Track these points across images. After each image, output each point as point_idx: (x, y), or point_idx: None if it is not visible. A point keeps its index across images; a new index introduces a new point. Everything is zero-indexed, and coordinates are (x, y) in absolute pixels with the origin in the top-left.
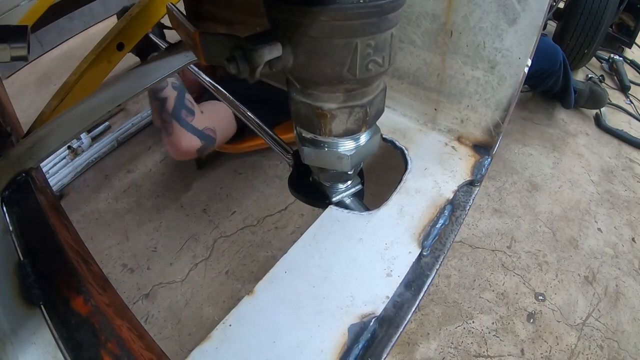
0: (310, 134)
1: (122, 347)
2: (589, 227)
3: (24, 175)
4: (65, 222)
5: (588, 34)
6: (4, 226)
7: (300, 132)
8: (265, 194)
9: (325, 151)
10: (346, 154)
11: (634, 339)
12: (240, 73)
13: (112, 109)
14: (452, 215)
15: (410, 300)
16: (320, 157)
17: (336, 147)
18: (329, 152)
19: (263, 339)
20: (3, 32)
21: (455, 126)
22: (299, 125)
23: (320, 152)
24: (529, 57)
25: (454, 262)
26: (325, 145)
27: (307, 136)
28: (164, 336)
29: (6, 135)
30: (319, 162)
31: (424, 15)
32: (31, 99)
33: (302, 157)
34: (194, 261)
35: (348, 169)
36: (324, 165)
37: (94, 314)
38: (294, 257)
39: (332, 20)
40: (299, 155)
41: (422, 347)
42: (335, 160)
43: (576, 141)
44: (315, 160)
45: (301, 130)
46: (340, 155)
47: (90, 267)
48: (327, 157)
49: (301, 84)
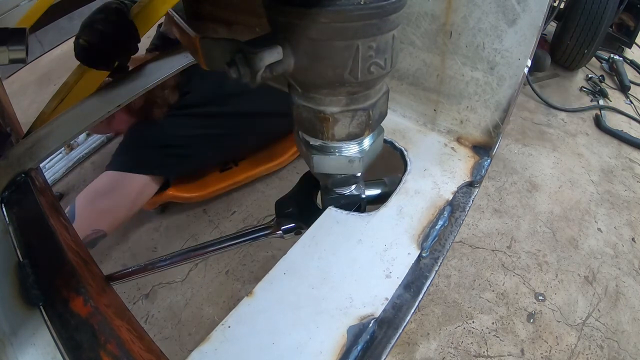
0: (318, 141)
1: (122, 348)
2: (589, 227)
3: (24, 176)
4: (65, 222)
5: (588, 34)
6: (3, 226)
7: (307, 140)
8: (265, 194)
9: (336, 156)
10: (357, 157)
11: (634, 339)
12: (241, 77)
13: (112, 109)
14: (451, 216)
15: (410, 302)
16: (331, 163)
17: (346, 151)
18: (339, 157)
19: (262, 340)
20: (1, 35)
21: (454, 127)
22: (302, 130)
23: (330, 159)
24: (528, 58)
25: (454, 262)
26: (334, 150)
27: (316, 144)
28: (164, 336)
29: (6, 135)
30: (328, 168)
31: (424, 15)
32: (31, 99)
33: (311, 165)
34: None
35: (360, 171)
36: (334, 171)
37: (93, 314)
38: (293, 258)
39: (332, 22)
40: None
41: (422, 347)
42: (347, 165)
43: (576, 141)
44: (325, 167)
45: (308, 138)
46: (352, 158)
47: (90, 267)
48: (337, 162)
49: (303, 87)
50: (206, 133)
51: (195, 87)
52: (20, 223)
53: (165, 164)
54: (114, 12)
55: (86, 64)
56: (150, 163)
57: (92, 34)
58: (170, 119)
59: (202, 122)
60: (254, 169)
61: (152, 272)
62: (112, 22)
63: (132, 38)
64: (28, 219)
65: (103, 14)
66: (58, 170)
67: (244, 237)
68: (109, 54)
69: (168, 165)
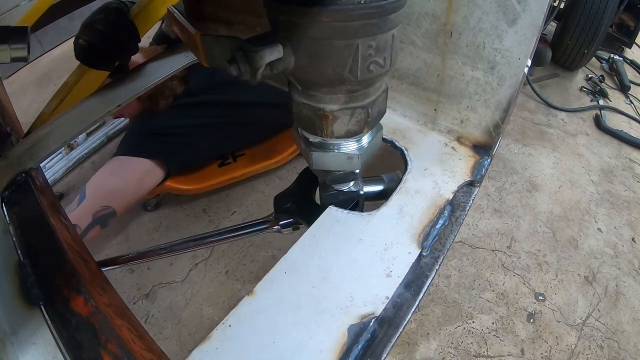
0: (318, 137)
1: (122, 347)
2: (589, 227)
3: (24, 176)
4: (65, 222)
5: (588, 34)
6: (4, 226)
7: (306, 137)
8: (265, 193)
9: (334, 153)
10: (356, 153)
11: (634, 339)
12: (241, 75)
13: (112, 109)
14: (451, 215)
15: (410, 301)
16: (330, 160)
17: (345, 148)
18: (338, 154)
19: (263, 339)
20: (3, 33)
21: (455, 126)
22: (302, 127)
23: (329, 155)
24: (529, 58)
25: (454, 262)
26: (333, 147)
27: (315, 140)
28: (164, 336)
29: (6, 135)
30: (328, 165)
31: (424, 15)
32: (31, 99)
33: (310, 162)
34: (194, 261)
35: (359, 168)
36: (333, 168)
37: (94, 314)
38: (294, 257)
39: (332, 21)
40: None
41: (422, 347)
42: (345, 161)
43: (576, 141)
44: (325, 163)
45: (308, 135)
46: (350, 155)
47: (90, 267)
48: (336, 159)
49: (303, 85)
50: (205, 122)
51: (194, 76)
52: (20, 223)
53: (167, 151)
54: (114, 12)
55: (86, 64)
56: (153, 149)
57: (92, 34)
58: (172, 109)
59: (201, 111)
60: (252, 165)
61: (150, 260)
62: (112, 22)
63: (132, 38)
64: (28, 219)
65: (103, 14)
66: (58, 170)
67: (243, 230)
68: (109, 55)
69: (169, 152)
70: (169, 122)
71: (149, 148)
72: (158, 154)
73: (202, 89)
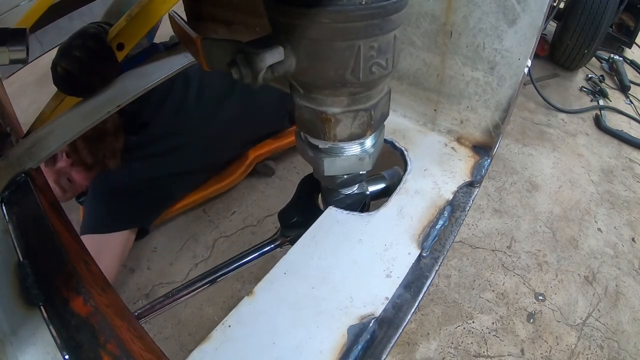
0: (328, 143)
1: (122, 347)
2: (589, 227)
3: (24, 176)
4: (65, 223)
5: (588, 34)
6: (3, 226)
7: (315, 144)
8: (265, 194)
9: (345, 156)
10: (367, 153)
11: (634, 339)
12: (242, 78)
13: (112, 109)
14: (451, 216)
15: (410, 301)
16: (342, 164)
17: (355, 150)
18: (349, 157)
19: (262, 339)
20: (2, 35)
21: (454, 127)
22: (304, 131)
23: (341, 159)
24: (528, 58)
25: (454, 262)
26: (343, 151)
27: (325, 147)
28: (164, 336)
29: (6, 135)
30: (340, 169)
31: (424, 15)
32: (31, 99)
33: (322, 169)
34: (194, 261)
35: (370, 167)
36: (345, 172)
37: (93, 314)
38: (294, 258)
39: (334, 22)
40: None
41: (422, 347)
42: (357, 163)
43: (576, 141)
44: (337, 168)
45: (317, 142)
46: (361, 156)
47: (90, 267)
48: (347, 162)
49: (304, 88)
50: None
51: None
52: (20, 223)
53: (142, 216)
54: (92, 37)
55: (64, 91)
56: (126, 219)
57: (70, 61)
58: (132, 163)
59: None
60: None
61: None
62: (90, 48)
63: (110, 64)
64: (28, 219)
65: (81, 39)
66: None
67: (255, 254)
68: (88, 83)
69: (144, 214)
70: (131, 178)
71: (122, 218)
72: (133, 221)
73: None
